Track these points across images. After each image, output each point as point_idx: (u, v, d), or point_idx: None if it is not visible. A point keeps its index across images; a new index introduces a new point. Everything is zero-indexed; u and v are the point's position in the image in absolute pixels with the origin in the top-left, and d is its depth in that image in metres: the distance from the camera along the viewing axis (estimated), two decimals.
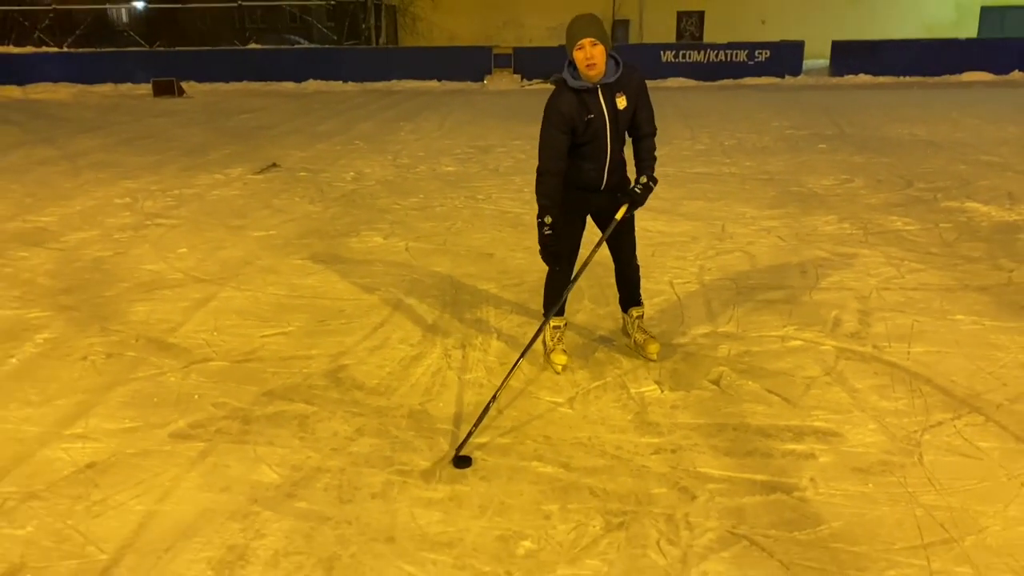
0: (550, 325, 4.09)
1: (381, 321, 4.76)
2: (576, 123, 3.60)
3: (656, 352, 4.08)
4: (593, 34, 3.45)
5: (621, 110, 3.66)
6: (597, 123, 3.64)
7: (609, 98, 3.63)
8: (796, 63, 21.80)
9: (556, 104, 3.61)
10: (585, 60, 3.47)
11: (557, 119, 3.60)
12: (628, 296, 4.23)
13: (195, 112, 16.69)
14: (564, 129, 3.61)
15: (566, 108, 3.59)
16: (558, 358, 4.01)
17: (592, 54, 3.46)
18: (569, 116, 3.59)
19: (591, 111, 3.61)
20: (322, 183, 8.93)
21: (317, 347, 4.40)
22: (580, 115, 3.59)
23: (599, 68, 3.51)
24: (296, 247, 6.39)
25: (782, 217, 7.06)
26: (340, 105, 17.54)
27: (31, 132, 13.74)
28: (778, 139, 11.58)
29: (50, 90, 21.65)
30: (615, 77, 3.60)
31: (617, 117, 3.67)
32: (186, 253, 6.25)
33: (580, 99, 3.59)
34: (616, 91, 3.63)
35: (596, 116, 3.62)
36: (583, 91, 3.59)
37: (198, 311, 4.97)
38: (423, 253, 6.17)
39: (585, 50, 3.46)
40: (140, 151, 11.46)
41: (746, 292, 5.14)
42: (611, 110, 3.64)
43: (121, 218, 7.43)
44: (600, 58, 3.48)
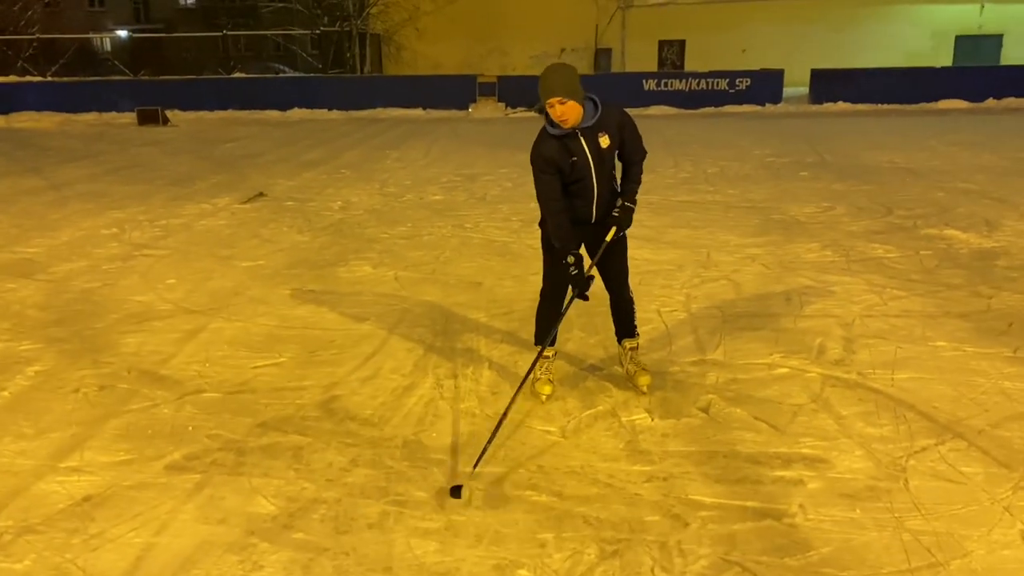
0: (540, 355, 4.13)
1: (372, 351, 4.80)
2: (561, 165, 3.72)
3: (647, 384, 4.14)
4: (559, 93, 3.53)
5: (605, 148, 3.76)
6: (581, 164, 3.74)
7: (591, 140, 3.73)
8: (776, 91, 22.16)
9: (539, 150, 3.74)
10: (557, 116, 3.60)
11: (542, 164, 3.74)
12: (621, 327, 4.28)
13: (180, 141, 16.74)
14: (551, 172, 3.73)
15: (548, 153, 3.71)
16: (543, 387, 4.06)
17: (562, 111, 3.58)
18: (552, 160, 3.71)
19: (574, 154, 3.72)
20: (309, 212, 8.98)
21: (309, 378, 4.43)
22: (563, 158, 3.71)
23: (572, 120, 3.62)
24: (285, 277, 6.43)
25: (766, 245, 7.17)
26: (325, 133, 17.65)
27: (16, 162, 13.73)
28: (760, 167, 11.76)
29: (34, 119, 21.64)
30: (594, 120, 3.70)
31: (601, 156, 3.77)
32: (175, 284, 6.27)
33: (562, 144, 3.70)
34: (598, 132, 3.73)
35: (579, 158, 3.73)
36: (564, 136, 3.70)
37: (189, 342, 4.99)
38: (412, 282, 6.23)
39: (555, 108, 3.58)
40: (126, 180, 11.48)
41: (732, 320, 5.23)
42: (594, 151, 3.74)
43: (109, 249, 7.44)
44: (570, 112, 3.59)
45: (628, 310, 4.23)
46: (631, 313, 4.24)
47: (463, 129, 18.66)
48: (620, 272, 4.13)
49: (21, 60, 25.91)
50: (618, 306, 4.23)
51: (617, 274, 4.13)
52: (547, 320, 4.09)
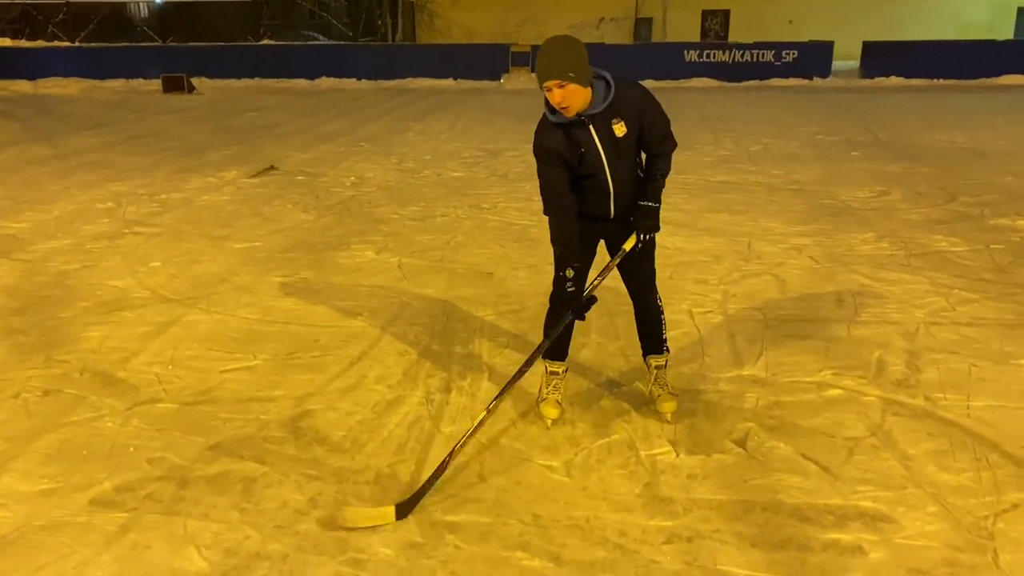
0: (546, 369, 3.50)
1: (359, 354, 4.20)
2: (567, 157, 3.06)
3: (671, 412, 3.47)
4: (556, 75, 2.85)
5: (620, 137, 3.07)
6: (591, 157, 3.07)
7: (602, 128, 3.04)
8: (825, 64, 21.03)
9: (540, 140, 3.07)
10: (555, 102, 2.92)
11: (544, 155, 3.08)
12: (647, 341, 3.61)
13: (202, 110, 16.25)
14: (556, 164, 3.07)
15: (551, 143, 3.05)
16: (549, 410, 3.42)
17: (561, 96, 2.89)
18: (556, 151, 3.05)
19: (582, 145, 3.05)
20: (319, 188, 8.39)
21: (281, 386, 3.84)
22: (569, 150, 3.05)
23: (576, 106, 2.94)
24: (279, 262, 5.84)
25: (814, 234, 6.43)
26: (351, 104, 17.04)
27: (31, 129, 13.34)
28: (807, 145, 10.91)
29: (60, 85, 21.33)
30: (605, 104, 3.01)
31: (617, 146, 3.09)
32: (158, 267, 5.72)
33: (567, 133, 3.03)
34: (611, 118, 3.04)
35: (588, 150, 3.06)
36: (569, 125, 3.02)
37: (157, 338, 4.43)
38: (417, 271, 5.61)
39: (553, 93, 2.90)
40: (137, 151, 10.99)
41: (776, 325, 4.54)
42: (606, 141, 3.06)
43: (99, 225, 6.92)
44: (573, 97, 2.91)
45: (655, 321, 3.56)
46: (659, 325, 3.57)
47: (493, 101, 17.92)
48: (645, 277, 3.46)
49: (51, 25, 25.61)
50: (643, 317, 3.57)
51: (642, 279, 3.46)
52: (559, 322, 3.45)
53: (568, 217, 3.12)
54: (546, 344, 3.32)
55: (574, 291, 3.17)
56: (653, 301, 3.52)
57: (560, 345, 3.46)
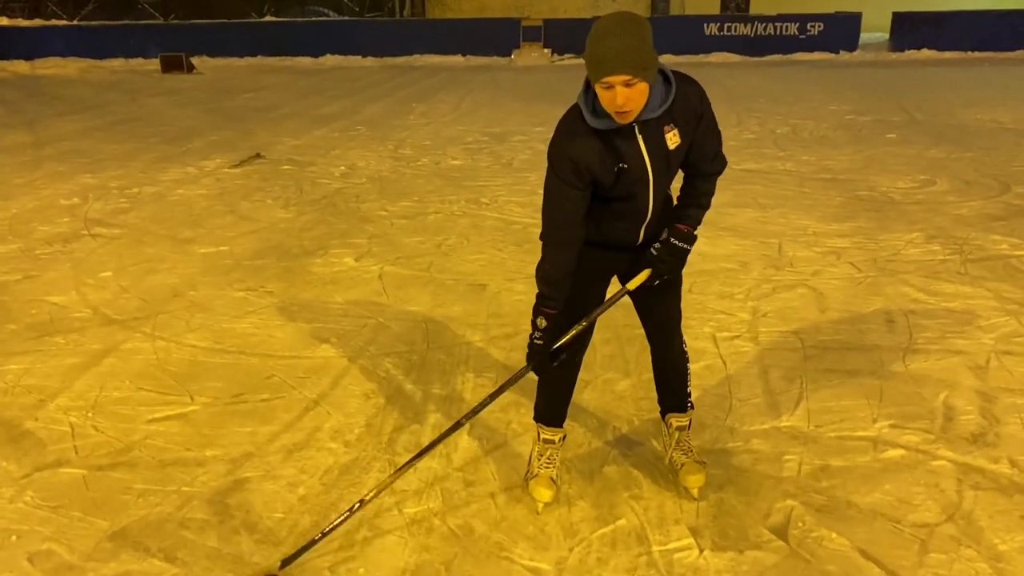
0: (539, 436, 2.79)
1: (316, 397, 3.51)
2: (599, 175, 2.29)
3: (698, 486, 2.76)
4: (628, 69, 2.07)
5: (672, 150, 2.34)
6: (635, 174, 2.31)
7: (653, 137, 2.29)
8: (852, 37, 19.98)
9: (566, 148, 2.28)
10: (615, 106, 2.15)
11: (568, 170, 2.28)
12: (668, 395, 2.89)
13: (199, 91, 15.55)
14: (579, 184, 2.30)
15: (583, 155, 2.26)
16: (541, 491, 2.70)
17: (626, 98, 2.12)
18: (587, 167, 2.27)
19: (623, 159, 2.28)
20: (304, 179, 7.68)
21: (216, 443, 3.16)
22: (606, 165, 2.28)
23: (636, 110, 2.18)
24: (245, 271, 5.16)
25: (853, 234, 5.66)
26: (354, 83, 16.27)
27: (16, 113, 12.69)
28: (838, 126, 10.07)
29: (58, 65, 20.67)
30: (664, 107, 2.26)
31: (668, 161, 2.35)
32: (109, 279, 5.05)
33: (607, 143, 2.26)
34: (665, 124, 2.29)
35: (633, 165, 2.30)
36: (612, 131, 2.26)
37: (85, 374, 3.76)
38: (399, 282, 4.91)
39: (615, 92, 2.11)
40: (120, 137, 10.32)
41: (816, 356, 3.80)
42: (656, 154, 2.32)
43: (56, 225, 6.26)
44: (640, 99, 2.16)
45: (679, 372, 2.84)
46: (684, 377, 2.84)
47: (502, 79, 17.08)
48: (669, 318, 2.74)
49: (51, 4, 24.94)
50: (664, 366, 2.85)
51: (664, 321, 2.74)
52: (557, 386, 2.74)
53: (567, 253, 2.38)
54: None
55: (542, 344, 2.44)
56: (677, 347, 2.79)
57: (557, 407, 2.77)
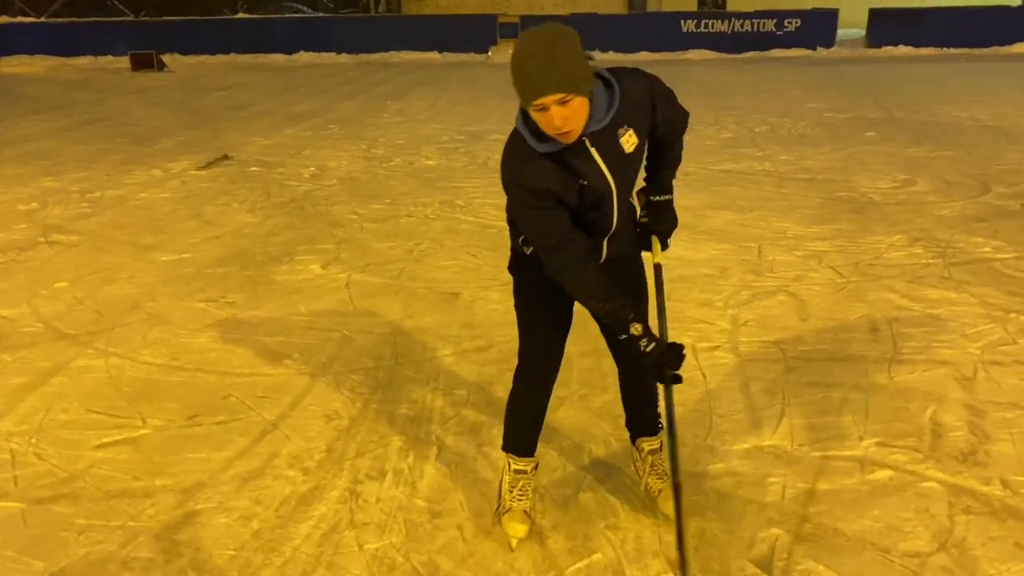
0: (509, 466, 2.63)
1: (275, 418, 3.33)
2: (563, 196, 2.11)
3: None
4: (558, 87, 1.88)
5: (631, 153, 2.16)
6: (597, 187, 2.14)
7: (608, 146, 2.11)
8: (829, 33, 19.98)
9: (521, 178, 2.09)
10: (553, 128, 1.96)
11: (529, 198, 2.10)
12: (637, 417, 2.74)
13: (169, 89, 15.24)
14: (549, 205, 2.11)
15: (540, 182, 2.07)
16: (515, 526, 2.53)
17: (564, 117, 1.93)
18: (547, 191, 2.08)
19: (581, 175, 2.10)
20: (272, 182, 7.46)
21: (167, 471, 2.97)
22: (566, 185, 2.10)
23: (578, 128, 1.99)
24: (207, 280, 4.95)
25: (834, 236, 5.54)
26: (327, 80, 16.02)
27: None
28: (816, 124, 9.98)
29: (25, 63, 20.24)
30: (612, 113, 2.07)
31: (626, 165, 2.18)
32: (64, 289, 4.83)
33: (560, 165, 2.08)
34: (618, 129, 2.12)
35: (593, 181, 2.12)
36: (562, 152, 2.07)
37: (31, 394, 3.55)
38: (368, 291, 4.72)
39: (550, 114, 1.93)
40: (85, 138, 10.03)
41: (798, 367, 3.66)
42: (615, 162, 2.14)
43: (12, 232, 6.01)
44: (578, 117, 1.96)
45: (648, 394, 2.69)
46: (652, 398, 2.69)
47: (479, 76, 16.88)
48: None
49: None
50: (631, 386, 2.70)
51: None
52: (526, 413, 2.58)
53: (593, 264, 2.22)
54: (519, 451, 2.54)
55: (656, 347, 2.23)
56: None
57: (528, 435, 2.60)
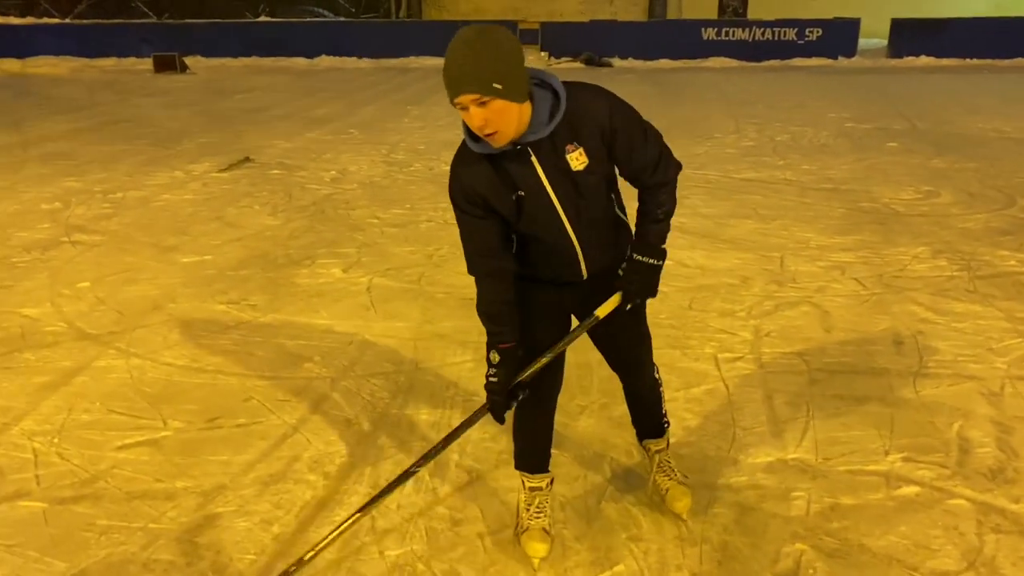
0: (524, 484, 2.60)
1: (296, 422, 3.32)
2: (496, 204, 2.11)
3: (687, 509, 2.61)
4: (471, 87, 1.87)
5: (579, 171, 2.08)
6: (536, 201, 2.10)
7: (552, 159, 2.07)
8: (851, 43, 19.85)
9: (456, 176, 2.13)
10: (474, 128, 1.96)
11: (461, 198, 2.13)
12: (642, 422, 2.74)
13: (191, 92, 15.34)
14: (478, 212, 2.13)
15: (472, 183, 2.10)
16: (535, 546, 2.48)
17: (484, 119, 1.91)
18: (477, 194, 2.10)
19: (519, 186, 2.08)
20: (294, 185, 7.48)
21: (188, 473, 2.97)
22: (500, 193, 2.09)
23: (505, 131, 1.96)
24: (229, 282, 4.97)
25: (858, 247, 5.49)
26: (348, 85, 16.08)
27: (3, 113, 12.49)
28: (838, 134, 9.90)
29: (50, 64, 20.40)
30: (554, 124, 2.02)
31: (575, 185, 2.11)
32: (86, 289, 4.86)
33: (496, 168, 2.08)
34: (563, 142, 2.05)
35: (531, 193, 2.09)
36: (499, 156, 2.06)
37: (54, 394, 3.57)
38: (388, 295, 4.72)
39: (470, 114, 1.92)
40: (107, 139, 10.11)
41: (822, 380, 3.63)
42: (558, 177, 2.09)
43: (36, 231, 6.06)
44: (501, 119, 1.93)
45: (650, 399, 2.67)
46: (657, 401, 2.69)
47: None
48: (634, 346, 2.54)
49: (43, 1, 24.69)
50: (636, 395, 2.68)
51: (630, 350, 2.54)
52: (531, 433, 2.56)
53: (494, 285, 2.20)
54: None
55: (496, 382, 2.23)
56: (649, 376, 2.62)
57: (538, 452, 2.58)
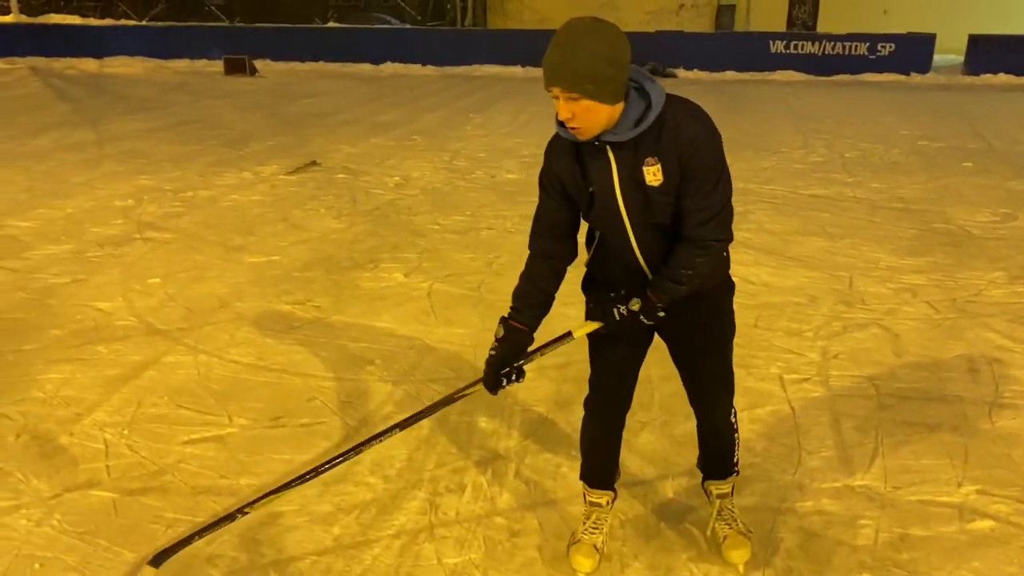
0: (585, 498, 2.57)
1: (357, 424, 3.36)
2: (571, 188, 2.13)
3: (743, 561, 2.49)
4: (560, 83, 1.90)
5: (653, 187, 2.02)
6: (604, 200, 2.09)
7: (628, 165, 2.02)
8: (925, 59, 19.32)
9: (548, 151, 2.17)
10: (563, 119, 1.98)
11: (544, 177, 2.18)
12: (709, 462, 2.61)
13: (259, 94, 15.66)
14: (554, 192, 2.16)
15: (555, 163, 2.14)
16: (580, 559, 2.44)
17: (571, 112, 1.93)
18: (556, 175, 2.14)
19: (591, 180, 2.08)
20: (358, 189, 7.58)
21: (252, 470, 3.02)
22: (576, 181, 2.11)
23: (588, 129, 1.96)
24: (294, 283, 5.05)
25: (930, 270, 5.33)
26: (412, 92, 16.25)
27: (79, 111, 12.90)
28: (910, 152, 9.65)
29: (126, 64, 21.06)
30: (637, 131, 1.98)
31: (647, 199, 2.04)
32: (156, 285, 4.98)
33: (577, 156, 2.09)
34: (645, 154, 2.00)
35: (600, 190, 2.07)
36: (583, 146, 2.06)
37: (124, 387, 3.66)
38: (448, 302, 4.74)
39: (559, 104, 1.95)
40: (179, 139, 10.38)
41: (893, 405, 3.52)
42: (630, 184, 2.04)
43: (109, 227, 6.24)
44: (587, 117, 1.93)
45: (725, 442, 2.53)
46: (730, 446, 2.53)
47: None
48: (710, 384, 2.41)
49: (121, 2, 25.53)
50: (708, 435, 2.55)
51: (707, 381, 2.41)
52: (595, 448, 2.52)
53: (540, 267, 2.23)
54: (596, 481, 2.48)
55: (492, 358, 2.21)
56: (723, 418, 2.47)
57: (601, 468, 2.53)
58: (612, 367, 2.30)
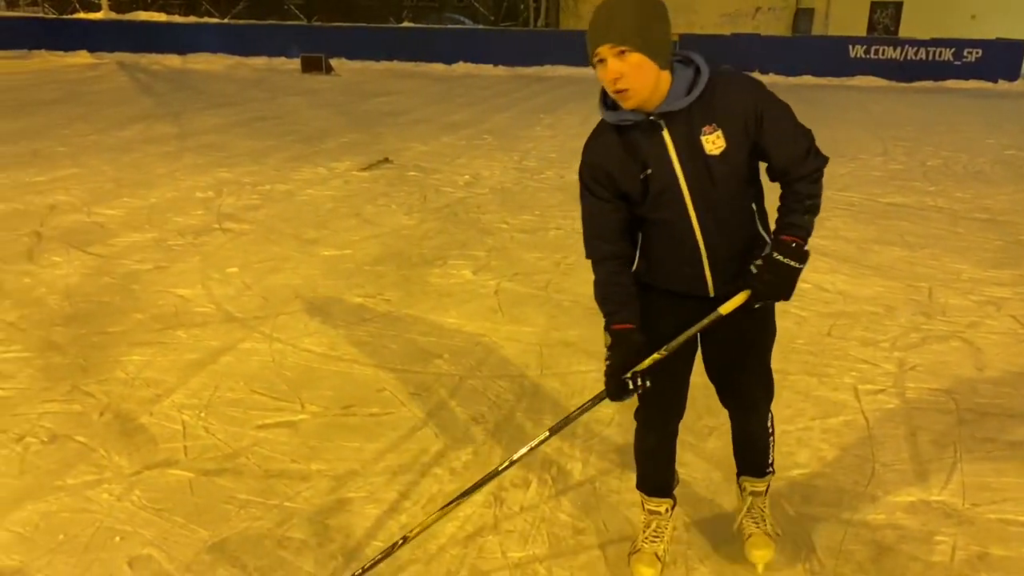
0: (643, 506, 2.54)
1: (425, 416, 3.40)
2: (622, 183, 2.05)
3: (764, 562, 2.43)
4: (614, 37, 1.85)
5: (715, 156, 1.97)
6: (662, 181, 2.01)
7: (686, 137, 1.97)
8: (1014, 66, 18.60)
9: (587, 151, 2.11)
10: (610, 84, 1.92)
11: (588, 175, 2.11)
12: (745, 459, 2.54)
13: (334, 92, 15.97)
14: (603, 192, 2.09)
15: (601, 159, 2.06)
16: (641, 569, 2.41)
17: (618, 71, 1.88)
18: (606, 173, 2.06)
19: (648, 163, 2.00)
20: (429, 187, 7.66)
21: (323, 456, 3.08)
22: (628, 170, 2.03)
23: (637, 91, 1.90)
24: (365, 276, 5.13)
25: (1015, 283, 5.13)
26: (483, 92, 16.35)
27: (162, 105, 13.34)
28: (996, 162, 9.31)
29: (208, 60, 21.72)
30: (691, 99, 1.94)
31: (710, 170, 1.98)
32: (234, 275, 5.12)
33: (626, 142, 2.02)
34: (700, 124, 1.96)
35: (658, 170, 2.00)
36: (629, 127, 2.00)
37: (201, 372, 3.78)
38: (515, 300, 4.76)
39: (606, 65, 1.89)
40: (257, 134, 10.65)
41: (973, 421, 3.41)
42: (691, 157, 1.98)
43: (190, 217, 6.45)
44: (636, 76, 1.88)
45: (760, 444, 2.47)
46: (765, 448, 2.47)
47: None
48: (750, 388, 2.34)
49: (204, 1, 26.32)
50: (742, 437, 2.50)
51: (742, 383, 2.34)
52: (650, 456, 2.48)
53: (607, 270, 2.15)
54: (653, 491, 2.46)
55: (609, 366, 2.10)
56: (760, 423, 2.41)
57: (657, 476, 2.49)
58: (662, 377, 2.21)
